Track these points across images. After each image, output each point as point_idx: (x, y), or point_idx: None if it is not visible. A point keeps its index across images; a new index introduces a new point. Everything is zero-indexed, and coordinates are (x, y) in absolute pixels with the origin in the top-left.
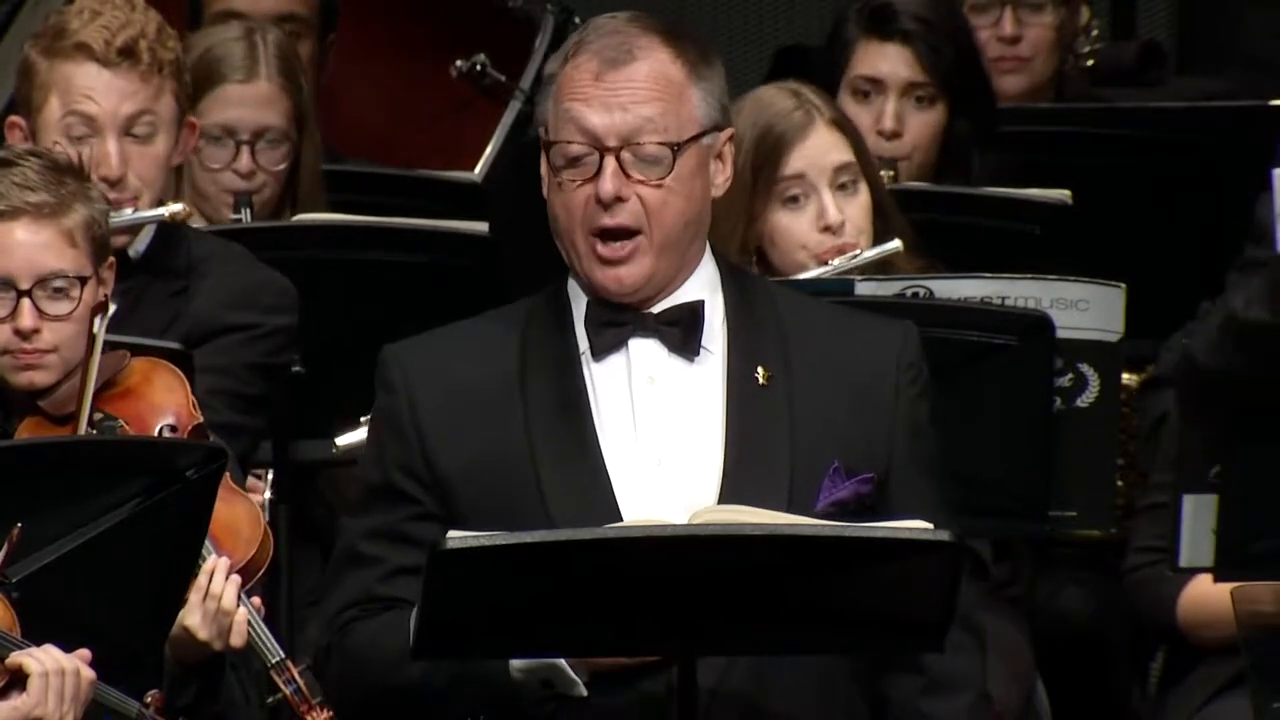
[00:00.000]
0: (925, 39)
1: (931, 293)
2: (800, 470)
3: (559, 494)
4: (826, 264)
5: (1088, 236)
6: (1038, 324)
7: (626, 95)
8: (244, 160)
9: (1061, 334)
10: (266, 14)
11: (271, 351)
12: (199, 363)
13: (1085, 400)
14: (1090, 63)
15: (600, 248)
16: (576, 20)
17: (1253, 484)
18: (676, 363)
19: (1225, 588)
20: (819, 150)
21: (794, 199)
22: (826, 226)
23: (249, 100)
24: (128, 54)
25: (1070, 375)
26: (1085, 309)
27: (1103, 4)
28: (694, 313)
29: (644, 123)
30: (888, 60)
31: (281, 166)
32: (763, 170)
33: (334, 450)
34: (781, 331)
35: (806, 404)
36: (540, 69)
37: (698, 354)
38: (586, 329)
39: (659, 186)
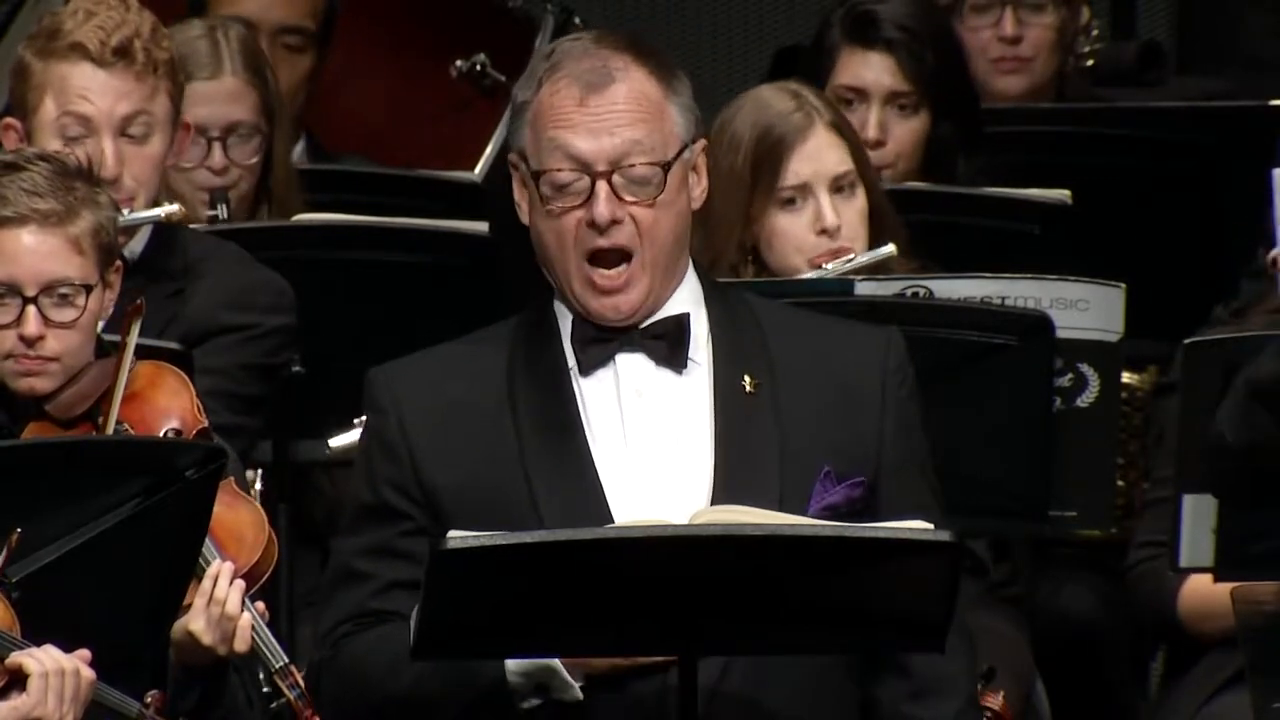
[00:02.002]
0: (907, 47)
1: (931, 293)
2: (790, 476)
3: (554, 509)
4: (821, 267)
5: (1088, 236)
6: (1038, 324)
7: (611, 119)
8: (216, 157)
9: (1061, 334)
10: (273, 25)
11: (269, 352)
12: (196, 364)
13: (1085, 400)
14: (1090, 63)
15: (596, 276)
16: (577, 20)
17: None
18: (664, 375)
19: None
20: (818, 153)
21: (791, 201)
22: (823, 230)
23: (216, 96)
24: (123, 54)
25: (1070, 375)
26: (1085, 309)
27: (1103, 4)
28: (680, 326)
29: (632, 145)
30: (870, 69)
31: (254, 160)
32: (761, 172)
33: (327, 452)
34: (765, 341)
35: (794, 411)
36: None
37: (685, 366)
38: (573, 345)
39: (650, 206)
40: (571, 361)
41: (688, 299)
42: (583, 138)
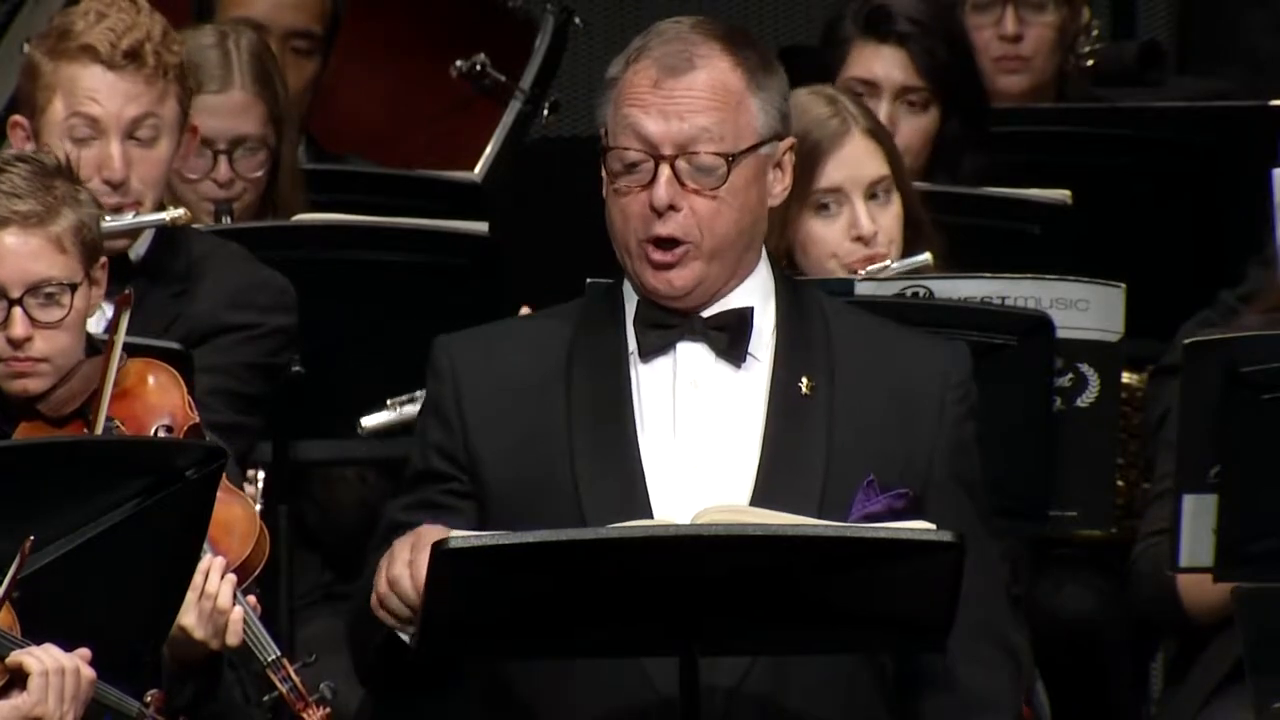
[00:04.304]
0: (920, 42)
1: (931, 293)
2: (834, 481)
3: (592, 490)
4: (855, 273)
5: (1088, 236)
6: (1038, 324)
7: (685, 104)
8: (222, 170)
9: (1061, 334)
10: (282, 29)
11: (270, 351)
12: (198, 363)
13: (1085, 400)
14: (1090, 63)
15: (652, 252)
16: (577, 20)
17: (1253, 484)
18: (722, 368)
19: None
20: (854, 160)
21: (825, 207)
22: (859, 237)
23: (225, 110)
24: (133, 57)
25: (1070, 375)
26: (1085, 309)
27: (1103, 4)
28: (742, 319)
29: (700, 132)
30: (882, 63)
31: (260, 174)
32: (797, 177)
33: (360, 432)
34: (830, 344)
35: (848, 416)
36: (540, 69)
37: (744, 360)
38: (635, 329)
39: (713, 197)
40: (632, 345)
41: (755, 293)
42: (653, 119)
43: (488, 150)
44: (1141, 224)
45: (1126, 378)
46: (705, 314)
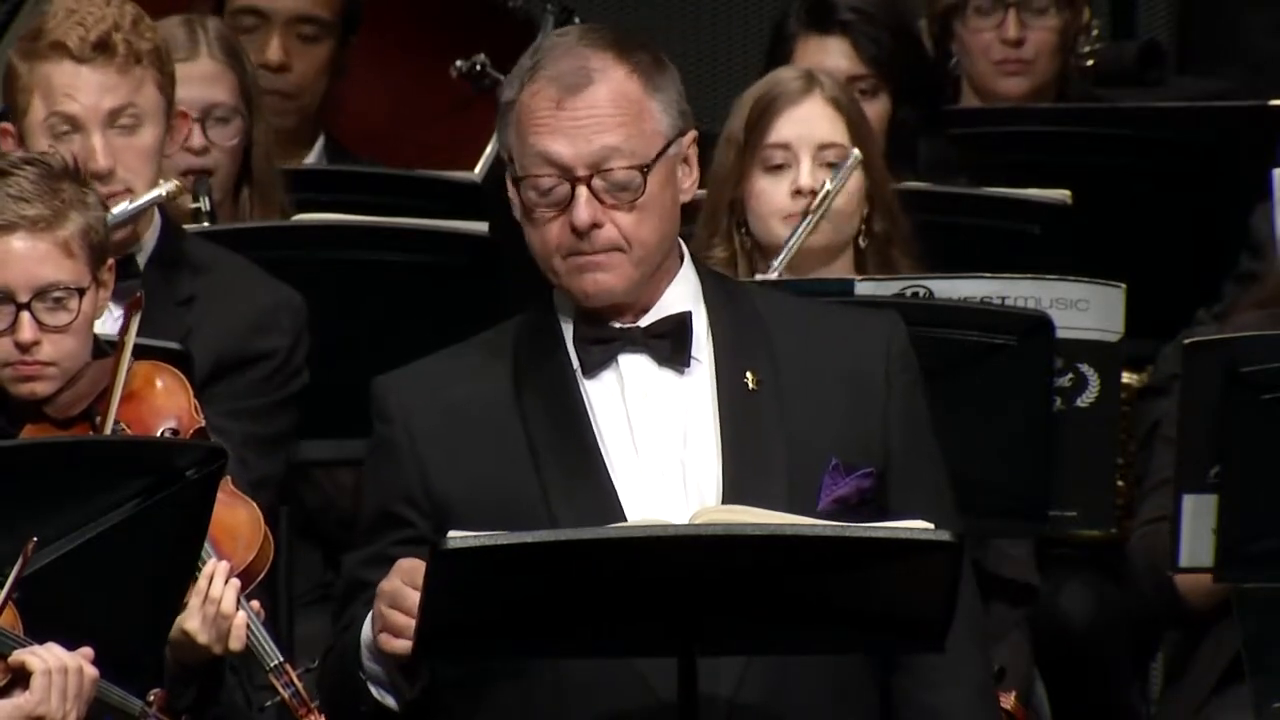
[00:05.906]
0: (863, 30)
1: (931, 293)
2: (798, 470)
3: (568, 514)
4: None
5: (1088, 236)
6: (1038, 324)
7: (590, 124)
8: (195, 138)
9: (1061, 334)
10: (288, 14)
11: (292, 375)
12: (225, 406)
13: (1085, 400)
14: (1090, 63)
15: (577, 259)
16: (577, 20)
17: (1253, 484)
18: (667, 375)
19: None
20: (808, 118)
21: (777, 167)
22: (797, 191)
23: (194, 78)
24: (102, 48)
25: (1070, 375)
26: (1085, 309)
27: (1103, 4)
28: (682, 325)
29: (611, 151)
30: (827, 54)
31: (234, 143)
32: (753, 132)
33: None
34: (766, 334)
35: (799, 404)
36: None
37: (688, 365)
38: (575, 347)
39: (632, 209)
40: (575, 363)
41: (687, 296)
42: (560, 142)
43: (488, 150)
44: (1141, 224)
45: (1126, 378)
46: (642, 324)
